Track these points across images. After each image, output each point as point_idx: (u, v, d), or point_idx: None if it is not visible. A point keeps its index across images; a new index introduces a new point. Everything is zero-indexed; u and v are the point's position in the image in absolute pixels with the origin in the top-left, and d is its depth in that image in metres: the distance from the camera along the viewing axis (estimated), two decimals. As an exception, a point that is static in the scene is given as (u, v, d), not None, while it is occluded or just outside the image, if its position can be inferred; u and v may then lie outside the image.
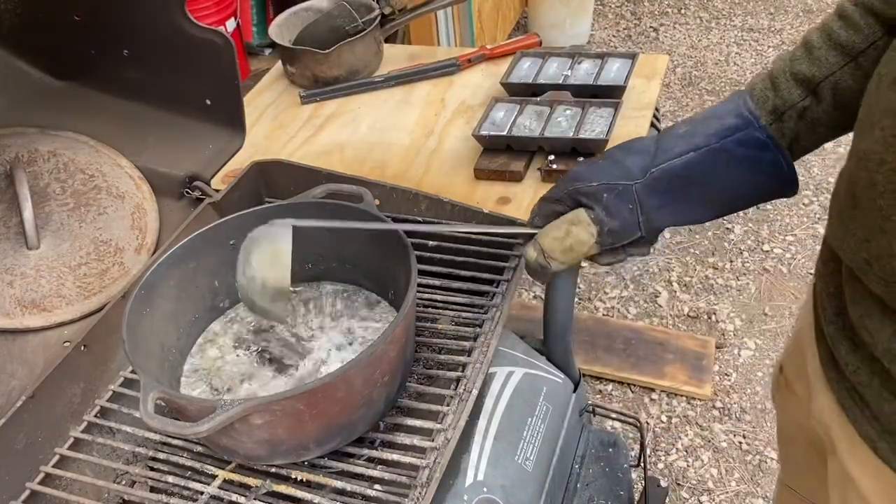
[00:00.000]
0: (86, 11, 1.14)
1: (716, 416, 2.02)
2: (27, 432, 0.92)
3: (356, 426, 0.86)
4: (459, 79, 1.57)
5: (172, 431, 0.74)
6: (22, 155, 1.17)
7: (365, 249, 1.00)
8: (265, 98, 1.60)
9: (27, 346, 1.03)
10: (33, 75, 1.26)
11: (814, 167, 2.77)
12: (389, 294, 1.01)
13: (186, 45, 1.10)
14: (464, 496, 0.91)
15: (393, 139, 1.42)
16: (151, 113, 1.25)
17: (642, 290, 2.40)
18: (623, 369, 2.12)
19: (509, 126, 1.30)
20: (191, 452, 0.93)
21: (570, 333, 1.22)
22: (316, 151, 1.41)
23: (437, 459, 0.82)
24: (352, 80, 1.57)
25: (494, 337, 0.95)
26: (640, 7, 3.85)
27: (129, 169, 1.22)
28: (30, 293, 1.05)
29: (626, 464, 1.22)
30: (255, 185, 1.24)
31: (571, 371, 1.22)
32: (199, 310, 1.00)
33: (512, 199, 1.22)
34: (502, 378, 1.05)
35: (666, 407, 2.07)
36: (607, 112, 1.28)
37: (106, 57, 1.20)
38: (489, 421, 1.00)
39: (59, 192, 1.16)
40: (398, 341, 0.84)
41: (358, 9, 1.56)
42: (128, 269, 1.12)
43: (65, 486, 0.93)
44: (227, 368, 0.96)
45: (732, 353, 2.18)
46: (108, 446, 0.97)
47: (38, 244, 1.08)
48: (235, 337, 1.00)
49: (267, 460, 0.86)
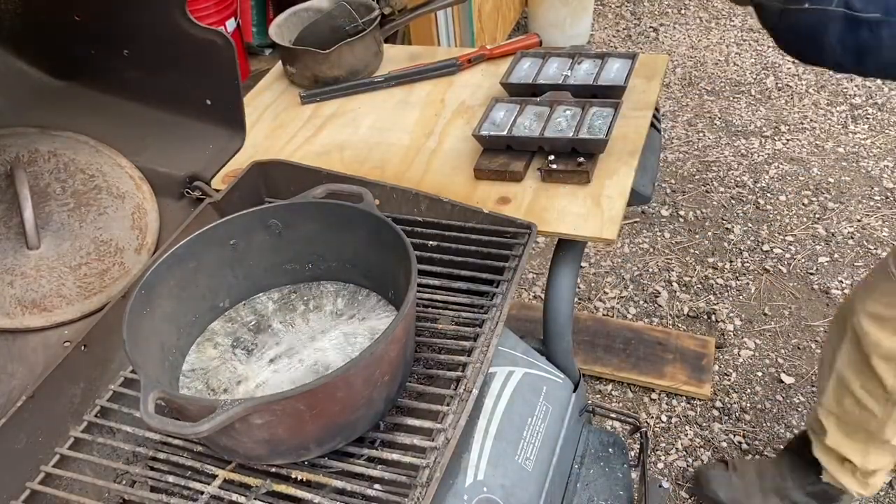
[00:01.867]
0: (86, 11, 1.14)
1: (716, 416, 2.02)
2: (27, 432, 0.92)
3: (356, 426, 0.86)
4: (459, 79, 1.57)
5: (172, 431, 0.74)
6: (22, 155, 1.17)
7: (365, 249, 1.00)
8: (265, 98, 1.60)
9: (27, 346, 1.03)
10: (33, 75, 1.26)
11: (813, 167, 2.77)
12: (389, 294, 1.01)
13: (186, 45, 1.10)
14: (464, 496, 0.91)
15: (393, 139, 1.42)
16: (151, 113, 1.25)
17: (642, 290, 2.40)
18: (623, 369, 2.13)
19: (509, 126, 1.30)
20: (191, 452, 0.93)
21: (569, 333, 1.22)
22: (316, 151, 1.41)
23: (438, 459, 0.82)
24: (352, 80, 1.57)
25: (494, 337, 0.95)
26: (640, 7, 3.85)
27: (129, 169, 1.22)
28: (30, 293, 1.05)
29: (626, 464, 1.22)
30: (255, 185, 1.25)
31: (571, 371, 1.22)
32: (199, 310, 1.00)
33: (512, 199, 1.22)
34: (502, 378, 1.05)
35: (666, 407, 2.07)
36: (607, 112, 1.28)
37: (106, 57, 1.20)
38: (489, 421, 1.00)
39: (59, 192, 1.16)
40: (398, 341, 0.84)
41: (358, 9, 1.56)
42: (128, 269, 1.12)
43: (65, 485, 0.93)
44: (224, 368, 0.96)
45: (732, 353, 2.18)
46: (108, 446, 0.97)
47: (38, 244, 1.08)
48: (234, 337, 1.00)
49: (267, 460, 0.86)
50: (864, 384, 1.44)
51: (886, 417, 1.45)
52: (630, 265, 2.49)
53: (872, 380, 1.42)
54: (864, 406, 1.46)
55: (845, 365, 1.46)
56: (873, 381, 1.42)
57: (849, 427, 1.52)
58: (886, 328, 1.35)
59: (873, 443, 1.51)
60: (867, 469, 1.55)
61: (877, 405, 1.44)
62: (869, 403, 1.45)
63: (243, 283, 1.04)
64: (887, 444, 1.50)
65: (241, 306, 1.04)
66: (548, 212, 1.19)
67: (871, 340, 1.38)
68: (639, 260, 2.51)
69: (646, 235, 2.59)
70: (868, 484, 1.59)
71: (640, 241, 2.57)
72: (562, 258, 1.19)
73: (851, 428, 1.51)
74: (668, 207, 2.69)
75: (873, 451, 1.52)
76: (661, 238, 2.58)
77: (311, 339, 0.98)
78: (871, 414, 1.46)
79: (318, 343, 0.97)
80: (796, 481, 1.70)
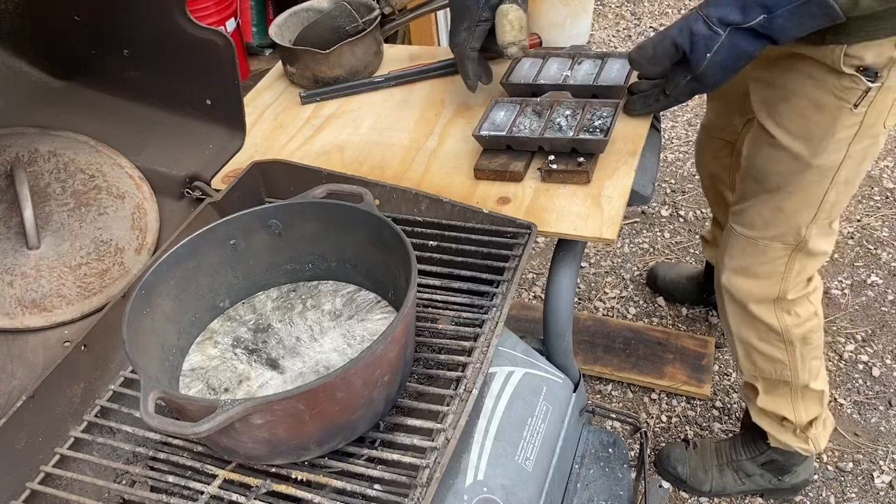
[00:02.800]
0: (86, 11, 1.14)
1: (715, 416, 2.02)
2: (27, 432, 0.92)
3: (356, 426, 0.86)
4: (459, 79, 1.57)
5: (172, 431, 0.74)
6: (22, 155, 1.17)
7: (365, 249, 1.00)
8: (265, 98, 1.60)
9: (27, 346, 1.03)
10: (33, 75, 1.26)
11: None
12: (389, 294, 1.01)
13: (187, 45, 1.10)
14: (464, 496, 0.91)
15: (393, 139, 1.42)
16: (151, 113, 1.25)
17: (642, 290, 2.40)
18: (623, 369, 2.13)
19: (509, 126, 1.30)
20: (191, 452, 0.94)
21: (569, 333, 1.22)
22: (316, 151, 1.41)
23: (438, 459, 0.82)
24: (352, 80, 1.57)
25: (494, 337, 0.95)
26: (639, 7, 3.85)
27: (129, 169, 1.22)
28: (30, 293, 1.05)
29: (626, 464, 1.22)
30: (255, 185, 1.25)
31: (571, 371, 1.23)
32: (199, 309, 1.00)
33: (512, 200, 1.22)
34: (502, 378, 1.05)
35: (666, 407, 2.07)
36: (607, 112, 1.28)
37: (106, 57, 1.20)
38: (489, 421, 1.00)
39: (59, 192, 1.16)
40: (398, 341, 0.84)
41: (358, 9, 1.56)
42: (128, 269, 1.12)
43: (65, 485, 0.93)
44: (224, 368, 0.96)
45: (732, 353, 2.18)
46: (108, 446, 0.97)
47: (38, 244, 1.08)
48: (234, 336, 1.00)
49: (267, 460, 0.86)
50: (760, 335, 1.53)
51: (793, 359, 1.54)
52: (630, 265, 2.49)
53: (763, 329, 1.52)
54: (770, 357, 1.55)
55: (738, 325, 1.56)
56: (765, 330, 1.52)
57: (771, 384, 1.60)
58: (747, 275, 1.47)
59: (796, 392, 1.59)
60: (802, 422, 1.62)
61: (778, 350, 1.54)
62: (773, 352, 1.54)
63: (243, 282, 1.04)
64: (808, 390, 1.59)
65: (240, 306, 1.04)
66: (548, 212, 1.19)
67: (741, 293, 1.49)
68: (639, 260, 2.51)
69: (646, 235, 2.59)
70: (809, 438, 1.65)
71: (640, 241, 2.57)
72: (562, 258, 1.19)
73: (773, 384, 1.60)
74: (668, 207, 2.69)
75: (799, 401, 1.60)
76: (661, 238, 2.58)
77: (311, 338, 0.98)
78: (781, 363, 1.55)
79: (318, 343, 0.97)
80: (749, 454, 1.78)
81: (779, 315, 1.49)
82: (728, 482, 1.80)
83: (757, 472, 1.77)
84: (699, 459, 1.83)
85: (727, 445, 1.82)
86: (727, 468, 1.80)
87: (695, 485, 1.82)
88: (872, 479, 1.85)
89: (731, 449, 1.81)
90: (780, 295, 1.46)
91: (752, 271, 1.46)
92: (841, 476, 1.86)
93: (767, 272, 1.45)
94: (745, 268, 1.47)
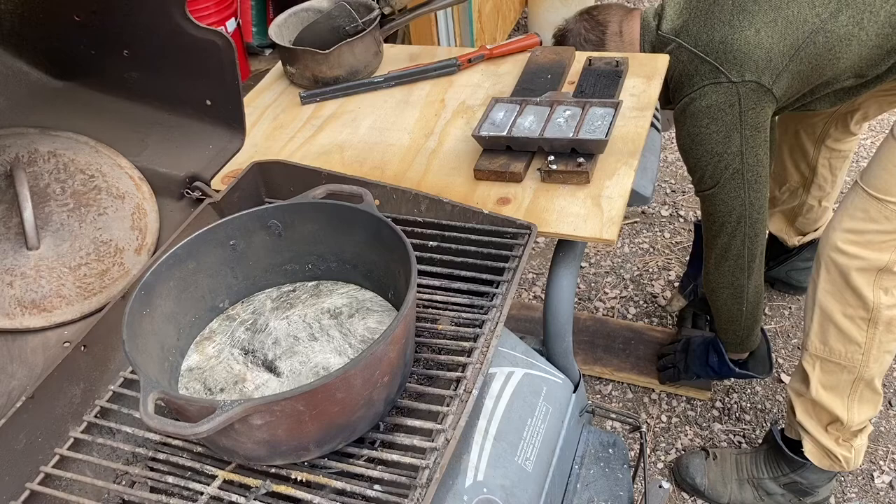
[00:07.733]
0: (86, 11, 1.14)
1: (716, 416, 2.02)
2: (27, 432, 0.92)
3: (356, 426, 0.86)
4: (459, 79, 1.57)
5: (172, 432, 0.74)
6: (22, 155, 1.17)
7: (365, 250, 1.00)
8: (265, 98, 1.60)
9: (27, 347, 1.03)
10: (33, 75, 1.26)
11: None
12: (389, 294, 1.01)
13: (186, 45, 1.10)
14: (464, 496, 0.91)
15: (393, 139, 1.42)
16: (151, 113, 1.25)
17: (642, 290, 2.40)
18: (623, 369, 2.13)
19: (509, 126, 1.30)
20: (191, 453, 0.94)
21: (569, 334, 1.22)
22: (316, 151, 1.41)
23: (437, 460, 0.82)
24: (352, 80, 1.57)
25: (494, 337, 0.95)
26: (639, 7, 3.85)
27: (129, 169, 1.22)
28: (30, 293, 1.05)
29: (626, 464, 1.22)
30: (254, 186, 1.25)
31: (571, 371, 1.23)
32: (199, 310, 1.00)
33: (512, 200, 1.22)
34: (502, 378, 1.05)
35: (666, 407, 2.07)
36: (607, 112, 1.28)
37: (106, 57, 1.20)
38: (489, 421, 1.00)
39: (59, 192, 1.16)
40: (398, 341, 0.84)
41: (358, 9, 1.56)
42: (128, 270, 1.12)
43: (65, 486, 0.93)
44: (223, 368, 0.96)
45: (732, 353, 2.17)
46: (107, 446, 0.97)
47: (38, 244, 1.08)
48: (232, 336, 1.00)
49: (267, 461, 0.86)
50: (845, 310, 1.50)
51: (870, 344, 1.50)
52: (630, 265, 2.49)
53: (853, 302, 1.48)
54: (847, 336, 1.52)
55: (825, 294, 1.52)
56: (854, 303, 1.48)
57: (832, 374, 1.56)
58: (861, 237, 1.44)
59: (857, 388, 1.55)
60: (852, 425, 1.58)
61: (859, 332, 1.50)
62: (852, 331, 1.51)
63: (243, 283, 1.04)
64: (869, 388, 1.55)
65: (240, 306, 1.04)
66: (548, 212, 1.19)
67: (848, 257, 1.46)
68: (639, 260, 2.51)
69: (646, 235, 2.59)
70: (853, 447, 1.61)
71: (640, 241, 2.57)
72: (562, 258, 1.19)
73: (835, 374, 1.56)
74: (668, 207, 2.69)
75: (857, 398, 1.56)
76: (661, 238, 2.58)
77: (311, 338, 0.98)
78: (855, 344, 1.51)
79: (318, 343, 0.97)
80: (771, 473, 1.75)
81: (875, 291, 1.46)
82: (747, 498, 1.77)
83: (778, 492, 1.74)
84: (719, 471, 1.81)
85: (748, 460, 1.79)
86: (747, 484, 1.77)
87: (713, 496, 1.80)
88: (872, 479, 1.85)
89: (752, 465, 1.78)
90: (888, 266, 1.44)
91: (867, 237, 1.44)
92: (841, 476, 1.86)
93: (884, 239, 1.43)
94: (861, 231, 1.45)
